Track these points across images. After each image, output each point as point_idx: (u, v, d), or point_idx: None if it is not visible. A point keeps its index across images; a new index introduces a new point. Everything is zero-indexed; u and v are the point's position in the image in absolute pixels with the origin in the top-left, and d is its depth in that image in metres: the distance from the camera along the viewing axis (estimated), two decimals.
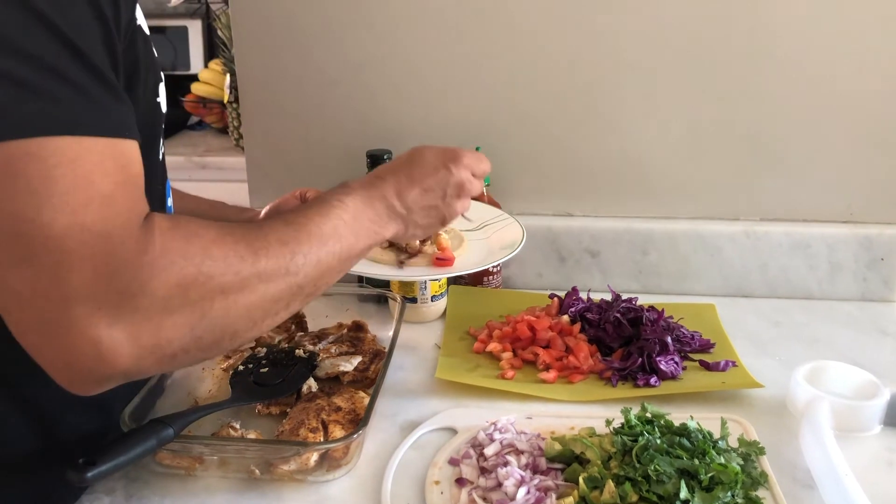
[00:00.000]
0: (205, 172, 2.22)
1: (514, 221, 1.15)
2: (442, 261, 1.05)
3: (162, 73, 0.86)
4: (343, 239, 0.79)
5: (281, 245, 0.73)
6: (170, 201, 0.95)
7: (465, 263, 1.07)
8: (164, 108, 0.85)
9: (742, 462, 0.86)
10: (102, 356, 0.61)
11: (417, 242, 1.07)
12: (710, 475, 0.80)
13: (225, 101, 2.35)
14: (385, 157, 1.25)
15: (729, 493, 0.79)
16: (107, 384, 0.65)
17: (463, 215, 0.95)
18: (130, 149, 0.66)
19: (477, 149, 1.24)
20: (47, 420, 0.83)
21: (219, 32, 2.35)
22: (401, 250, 1.08)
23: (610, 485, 0.80)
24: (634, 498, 0.78)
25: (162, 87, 0.84)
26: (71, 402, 0.83)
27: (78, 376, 0.63)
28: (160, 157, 0.87)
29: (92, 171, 0.61)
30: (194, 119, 2.63)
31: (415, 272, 1.05)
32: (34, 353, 0.62)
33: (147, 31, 0.80)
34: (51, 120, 0.60)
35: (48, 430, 0.84)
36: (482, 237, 1.13)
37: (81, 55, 0.62)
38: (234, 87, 2.25)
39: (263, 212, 1.09)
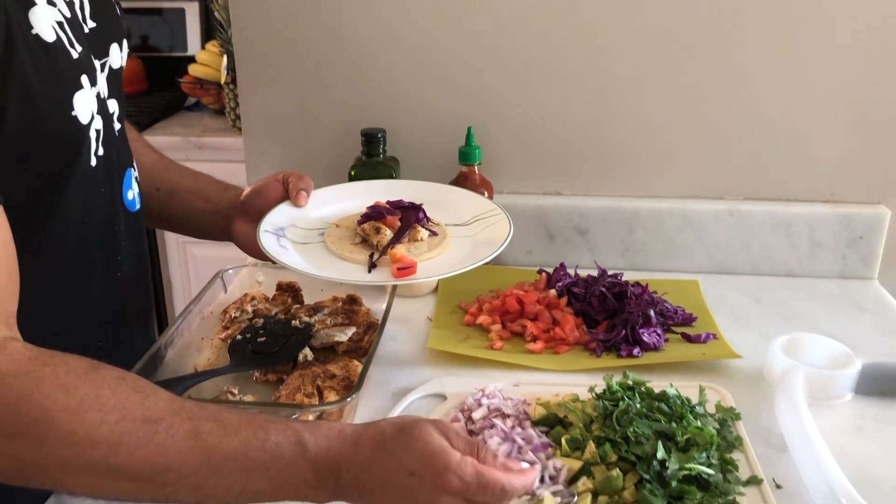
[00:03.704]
0: (202, 153, 2.25)
1: (504, 218, 1.07)
2: (403, 270, 0.97)
3: (85, 79, 0.80)
4: (249, 487, 0.67)
5: (158, 454, 0.64)
6: (130, 194, 0.95)
7: (440, 265, 1.01)
8: (85, 120, 0.81)
9: (718, 426, 0.90)
10: None
11: (386, 238, 1.02)
12: (686, 437, 0.84)
13: (222, 82, 2.37)
14: (379, 135, 1.29)
15: (704, 454, 0.83)
16: None
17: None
18: None
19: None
20: None
21: (216, 14, 2.37)
22: (372, 247, 1.03)
23: (591, 445, 0.84)
24: (614, 458, 0.83)
25: (81, 96, 0.79)
26: None
27: None
28: (92, 162, 0.85)
29: None
30: (191, 100, 2.65)
31: (384, 275, 0.99)
32: None
33: (50, 39, 0.75)
34: None
35: None
36: (469, 234, 1.08)
37: None
38: (231, 69, 2.28)
39: (245, 192, 1.07)
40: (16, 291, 0.71)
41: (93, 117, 0.83)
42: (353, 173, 1.30)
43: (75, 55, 0.80)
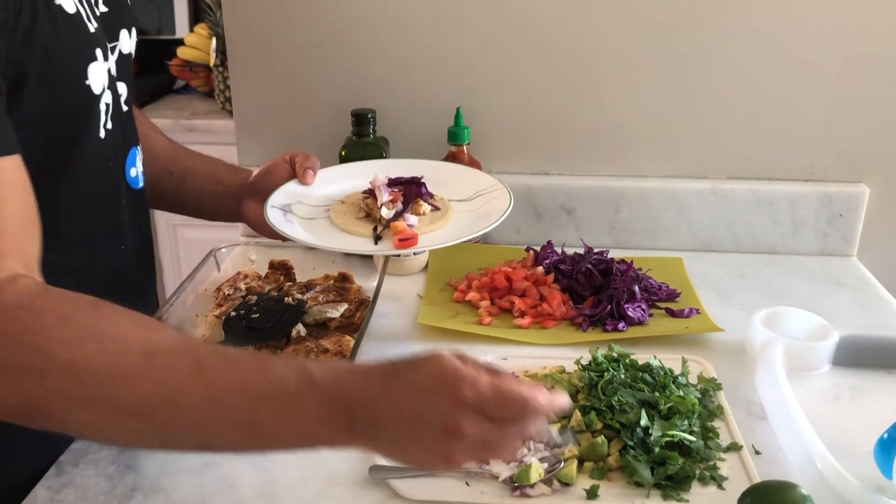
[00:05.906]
0: (192, 135, 2.26)
1: (505, 192, 1.10)
2: (405, 241, 1.01)
3: (99, 52, 0.83)
4: (254, 423, 0.66)
5: (157, 388, 0.64)
6: (133, 171, 0.97)
7: (440, 237, 1.05)
8: (97, 90, 0.83)
9: (700, 396, 0.93)
10: None
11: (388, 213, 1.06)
12: (668, 405, 0.87)
13: (211, 64, 2.38)
14: (369, 115, 1.30)
15: (686, 422, 0.86)
16: None
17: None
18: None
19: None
20: None
21: None
22: (375, 221, 1.08)
23: (577, 414, 0.87)
24: (599, 425, 0.85)
25: (95, 68, 0.82)
26: None
27: None
28: (101, 134, 0.87)
29: None
30: (180, 83, 2.66)
31: (387, 247, 1.03)
32: None
33: (71, 11, 0.79)
34: None
35: None
36: (471, 209, 1.11)
37: None
38: (220, 51, 2.29)
39: (255, 173, 1.12)
40: (36, 235, 0.72)
41: (104, 90, 0.85)
42: (343, 153, 1.32)
43: (92, 29, 0.83)
